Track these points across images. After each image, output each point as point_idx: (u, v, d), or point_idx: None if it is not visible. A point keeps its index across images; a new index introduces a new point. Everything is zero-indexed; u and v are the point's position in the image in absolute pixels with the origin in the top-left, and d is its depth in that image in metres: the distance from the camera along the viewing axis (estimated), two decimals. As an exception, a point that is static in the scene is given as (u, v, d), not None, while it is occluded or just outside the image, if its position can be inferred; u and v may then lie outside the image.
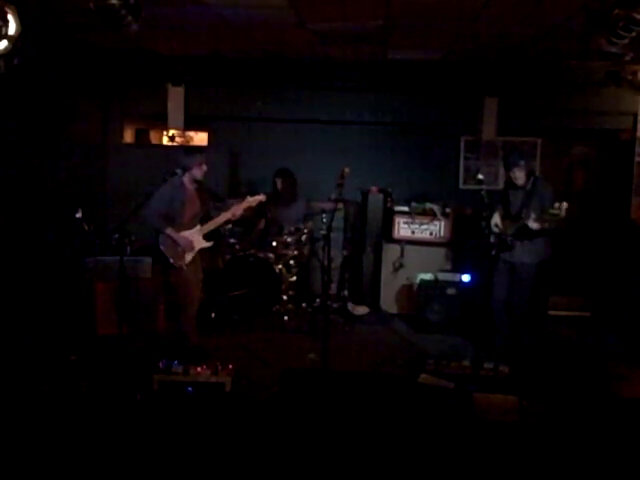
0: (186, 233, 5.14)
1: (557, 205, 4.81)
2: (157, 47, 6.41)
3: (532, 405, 4.20)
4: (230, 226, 6.45)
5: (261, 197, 5.42)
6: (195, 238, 5.17)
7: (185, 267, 5.12)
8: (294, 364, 5.19)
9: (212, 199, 5.49)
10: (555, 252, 5.53)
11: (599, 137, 7.54)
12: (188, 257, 5.14)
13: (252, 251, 6.48)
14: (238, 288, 6.37)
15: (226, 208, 5.40)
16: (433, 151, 7.58)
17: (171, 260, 5.09)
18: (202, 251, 5.31)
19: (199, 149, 5.20)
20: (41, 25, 5.33)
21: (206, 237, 5.26)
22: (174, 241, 5.07)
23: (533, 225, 5.06)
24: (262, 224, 6.81)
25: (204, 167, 5.12)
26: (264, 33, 5.63)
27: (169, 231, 5.06)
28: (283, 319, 6.44)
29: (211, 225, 5.27)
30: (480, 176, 5.14)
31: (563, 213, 4.80)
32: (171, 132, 8.46)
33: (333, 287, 7.00)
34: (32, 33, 4.36)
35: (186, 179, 5.12)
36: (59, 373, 4.73)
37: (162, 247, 5.11)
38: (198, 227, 5.21)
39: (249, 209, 5.47)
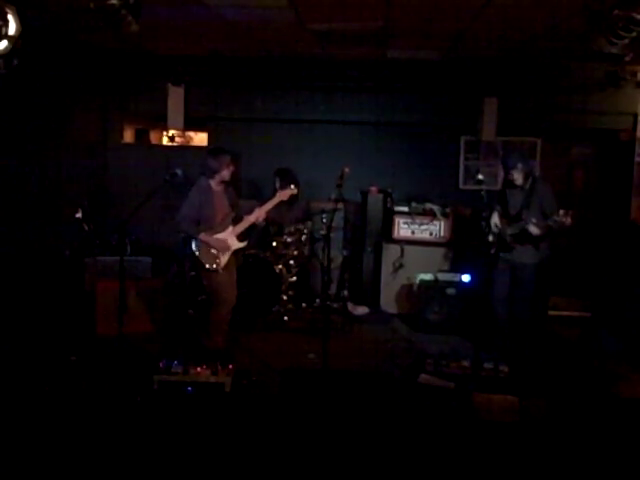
0: (220, 235, 5.09)
1: (562, 213, 4.78)
2: (157, 47, 6.41)
3: (532, 405, 4.20)
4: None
5: (293, 190, 5.38)
6: (229, 239, 5.13)
7: (222, 270, 5.07)
8: (294, 364, 5.19)
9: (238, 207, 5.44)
10: (555, 253, 5.53)
11: (599, 137, 7.54)
12: (224, 260, 5.08)
13: (252, 251, 6.48)
14: (238, 288, 6.36)
15: (258, 206, 5.34)
16: (433, 151, 7.59)
17: (207, 265, 5.03)
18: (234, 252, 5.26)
19: (223, 150, 5.17)
20: (41, 25, 5.33)
21: (240, 237, 5.23)
22: (209, 245, 5.03)
23: (533, 230, 5.06)
24: (262, 224, 6.79)
25: (232, 167, 5.11)
26: (264, 33, 5.64)
27: (202, 236, 5.00)
28: (283, 319, 6.44)
29: (244, 224, 5.22)
30: (480, 176, 5.13)
31: (569, 221, 4.76)
32: (171, 132, 8.47)
33: (333, 287, 7.00)
34: (32, 33, 4.36)
35: (214, 181, 5.07)
36: (59, 373, 4.73)
37: (197, 252, 5.04)
38: (231, 228, 5.16)
39: (280, 204, 5.41)
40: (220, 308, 5.16)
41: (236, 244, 5.20)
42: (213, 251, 5.06)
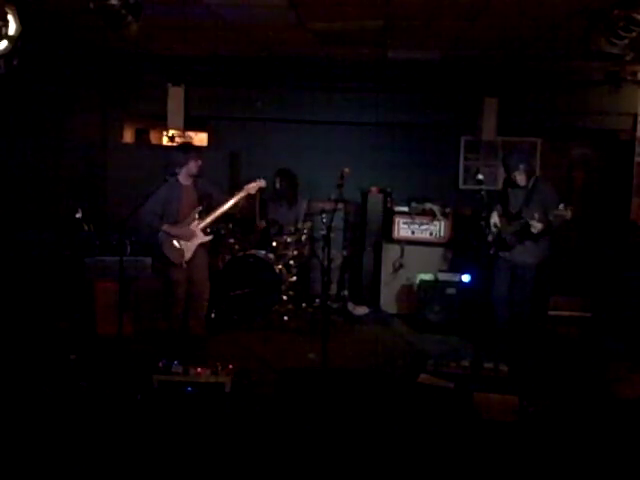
0: (184, 228, 5.18)
1: (562, 207, 4.80)
2: (157, 47, 6.41)
3: (532, 405, 4.20)
4: (231, 226, 6.46)
5: (261, 183, 5.42)
6: (195, 230, 5.21)
7: (185, 265, 5.13)
8: (294, 364, 5.19)
9: (216, 189, 5.49)
10: (555, 252, 5.52)
11: (599, 137, 7.54)
12: (188, 254, 5.17)
13: (252, 251, 6.47)
14: (238, 288, 6.37)
15: (224, 200, 5.39)
16: (433, 151, 7.59)
17: (171, 259, 5.15)
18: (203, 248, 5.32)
19: (194, 146, 5.29)
20: (41, 25, 5.33)
21: (205, 231, 5.27)
22: (172, 238, 5.10)
23: (536, 226, 5.06)
24: (262, 224, 6.81)
25: (199, 162, 5.19)
26: (264, 33, 5.63)
27: (165, 227, 5.12)
28: (283, 319, 6.44)
29: (209, 218, 5.27)
30: (480, 176, 5.14)
31: (569, 215, 4.79)
32: (171, 132, 8.46)
33: (333, 287, 7.00)
34: (32, 33, 4.36)
35: (182, 176, 5.17)
36: (59, 373, 4.73)
37: (162, 246, 5.16)
38: (196, 222, 5.23)
39: (248, 197, 5.44)
40: (172, 303, 5.31)
41: (201, 237, 5.23)
42: (176, 245, 5.14)
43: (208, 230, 5.31)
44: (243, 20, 5.16)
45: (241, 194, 5.32)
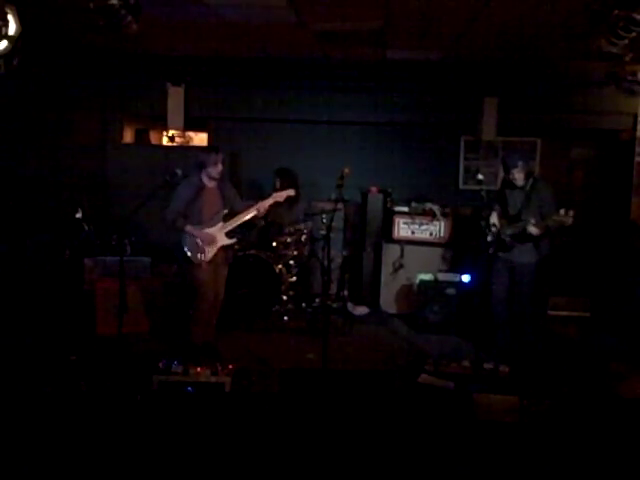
0: (208, 230, 5.18)
1: (562, 212, 4.78)
2: (157, 47, 6.41)
3: (532, 405, 4.20)
4: None
5: (290, 192, 5.42)
6: (217, 235, 5.20)
7: (205, 265, 5.14)
8: (294, 364, 5.19)
9: (237, 196, 5.48)
10: (555, 252, 5.52)
11: (599, 137, 7.54)
12: (209, 254, 5.17)
13: (252, 251, 6.47)
14: (238, 288, 6.37)
15: (250, 205, 5.37)
16: (433, 151, 7.59)
17: (192, 258, 5.13)
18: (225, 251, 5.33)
19: (216, 148, 5.27)
20: (41, 25, 5.33)
21: (229, 234, 5.27)
22: (195, 238, 5.12)
23: (533, 230, 5.06)
24: (262, 224, 6.80)
25: (220, 166, 5.18)
26: (264, 33, 5.63)
27: (189, 229, 5.11)
28: (283, 319, 6.44)
29: (234, 222, 5.27)
30: (480, 176, 5.14)
31: (570, 221, 4.75)
32: (171, 132, 8.46)
33: (333, 287, 7.00)
34: (32, 33, 4.36)
35: (204, 177, 5.17)
36: (59, 373, 4.73)
37: (185, 245, 5.15)
38: (220, 224, 5.23)
39: (275, 205, 5.43)
40: (199, 303, 5.24)
41: (224, 240, 5.24)
42: (199, 244, 5.13)
43: (231, 234, 5.30)
44: (243, 20, 5.16)
45: (268, 201, 5.29)
